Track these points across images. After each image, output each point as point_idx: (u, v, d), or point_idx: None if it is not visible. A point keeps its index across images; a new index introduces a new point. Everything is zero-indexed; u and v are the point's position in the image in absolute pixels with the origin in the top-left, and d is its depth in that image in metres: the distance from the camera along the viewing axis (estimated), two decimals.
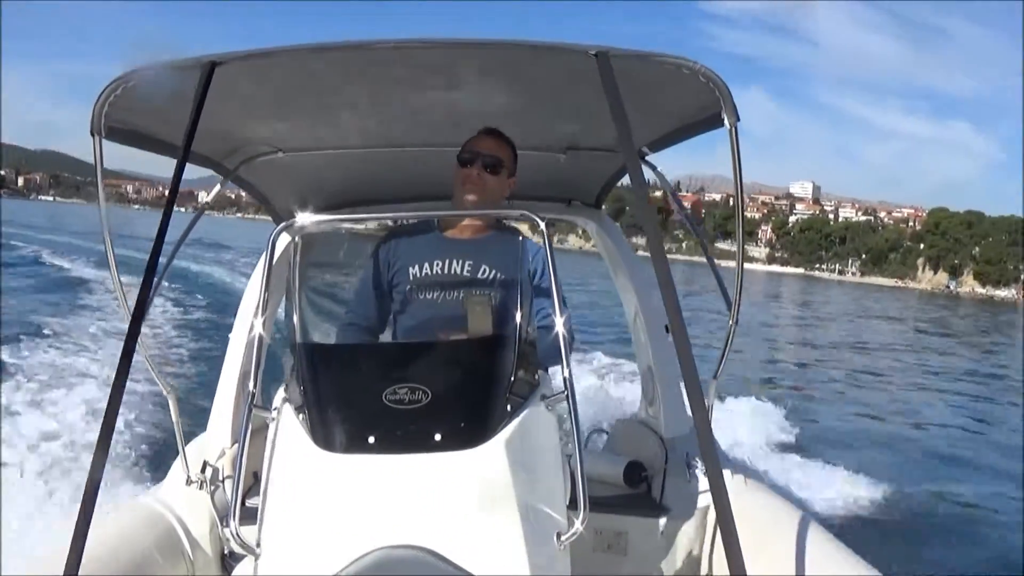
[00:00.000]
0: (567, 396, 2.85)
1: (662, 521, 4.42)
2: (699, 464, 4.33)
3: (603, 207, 5.75)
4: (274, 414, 2.89)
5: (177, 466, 4.33)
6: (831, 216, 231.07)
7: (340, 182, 5.15)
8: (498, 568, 2.55)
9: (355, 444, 2.67)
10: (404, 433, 2.68)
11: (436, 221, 3.88)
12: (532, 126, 4.39)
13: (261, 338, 3.03)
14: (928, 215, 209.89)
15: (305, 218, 3.09)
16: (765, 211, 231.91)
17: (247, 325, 4.82)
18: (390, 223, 4.04)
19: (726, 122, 3.21)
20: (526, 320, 2.98)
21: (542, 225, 2.97)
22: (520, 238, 3.30)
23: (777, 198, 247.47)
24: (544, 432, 2.88)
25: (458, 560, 2.51)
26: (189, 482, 4.19)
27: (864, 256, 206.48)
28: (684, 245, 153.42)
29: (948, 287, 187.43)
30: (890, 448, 15.82)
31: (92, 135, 3.17)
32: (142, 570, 3.77)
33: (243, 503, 2.94)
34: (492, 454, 2.65)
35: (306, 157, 4.69)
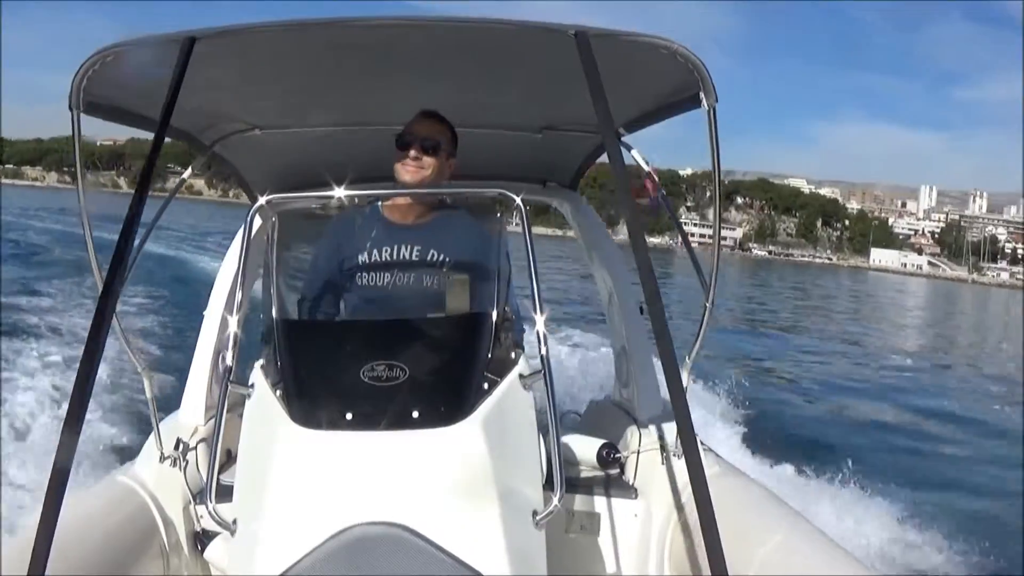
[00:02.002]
0: (544, 375, 2.86)
1: (636, 503, 4.45)
2: (673, 446, 4.35)
3: (578, 188, 5.78)
4: (250, 390, 2.90)
5: (150, 443, 4.34)
6: None
7: (316, 161, 5.06)
8: (474, 546, 2.57)
9: (332, 421, 2.68)
10: (382, 410, 2.70)
11: (380, 205, 3.89)
12: (509, 105, 4.42)
13: (239, 314, 3.04)
14: None
15: (282, 196, 3.13)
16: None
17: (221, 302, 4.83)
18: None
19: (704, 103, 3.22)
20: (503, 299, 3.00)
21: (519, 202, 2.98)
22: (498, 215, 3.28)
23: None
24: (521, 411, 2.90)
25: (434, 538, 2.54)
26: (163, 459, 4.20)
27: None
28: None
29: None
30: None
31: (70, 109, 3.16)
32: (115, 548, 3.77)
33: (218, 480, 2.97)
34: (469, 432, 2.67)
35: (282, 135, 4.70)
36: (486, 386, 2.81)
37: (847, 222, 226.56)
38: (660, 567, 4.31)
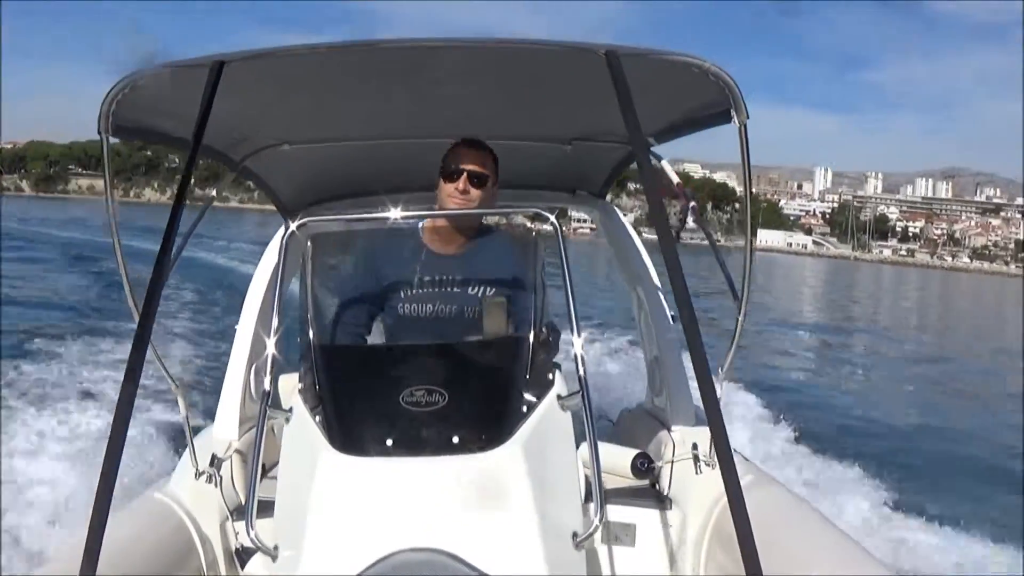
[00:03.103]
0: (582, 395, 2.84)
1: (670, 513, 4.43)
2: (707, 456, 4.35)
3: (607, 197, 5.77)
4: (289, 414, 2.91)
5: (185, 460, 4.36)
6: None
7: (345, 174, 5.18)
8: (517, 570, 2.56)
9: (373, 447, 2.70)
10: (422, 436, 2.71)
11: (421, 231, 3.81)
12: (538, 118, 4.42)
13: (276, 337, 3.04)
14: None
15: (314, 219, 3.14)
16: None
17: (253, 317, 4.86)
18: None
19: (735, 120, 3.22)
20: (540, 319, 2.98)
21: (554, 221, 3.01)
22: (533, 234, 3.26)
23: None
24: (559, 432, 2.88)
25: (476, 562, 2.53)
26: (198, 475, 4.23)
27: None
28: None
29: None
30: None
31: (99, 133, 3.21)
32: (154, 566, 3.79)
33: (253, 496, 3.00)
34: (509, 456, 2.67)
35: (311, 149, 4.73)
36: (524, 409, 2.80)
37: (736, 205, 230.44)
38: None
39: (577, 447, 3.03)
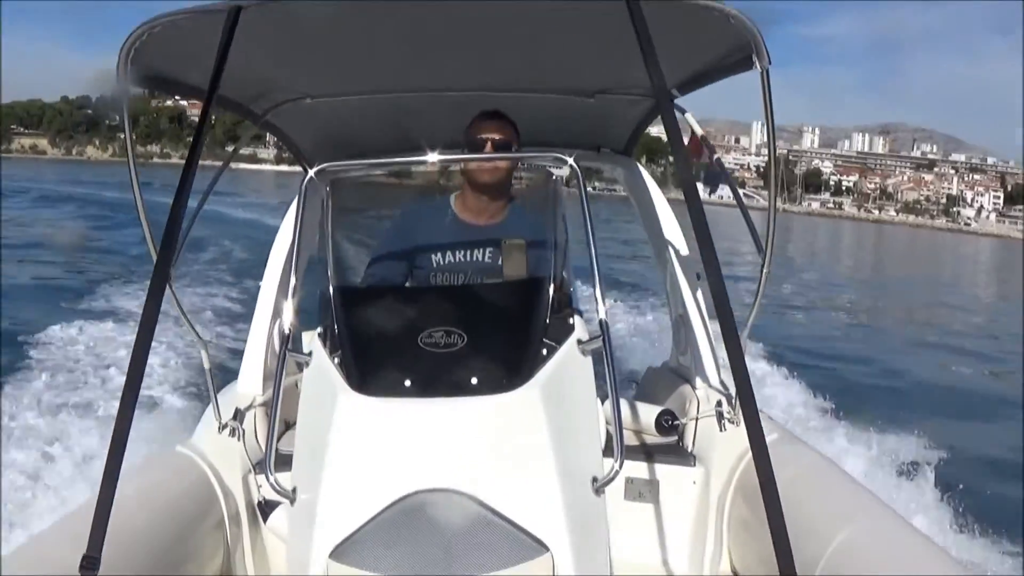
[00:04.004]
0: (603, 340, 2.78)
1: (695, 470, 4.42)
2: (732, 414, 4.37)
3: (632, 154, 5.69)
4: (308, 358, 2.89)
5: (209, 414, 4.37)
6: None
7: (367, 128, 5.16)
8: (535, 512, 2.55)
9: (391, 388, 2.66)
10: (440, 377, 2.68)
11: (451, 203, 3.93)
12: (561, 70, 4.35)
13: (296, 283, 3.03)
14: None
15: (334, 165, 3.12)
16: None
17: (277, 272, 4.85)
18: (411, 180, 4.23)
19: (757, 66, 3.20)
20: (560, 264, 2.96)
21: (572, 164, 2.93)
22: (552, 177, 3.21)
23: None
24: (579, 376, 2.84)
25: (495, 504, 2.52)
26: (221, 429, 4.23)
27: None
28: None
29: None
30: None
31: (117, 81, 3.16)
32: (175, 519, 3.79)
33: (276, 450, 2.94)
34: (529, 398, 2.63)
35: (333, 103, 4.69)
36: (545, 352, 2.77)
37: (670, 158, 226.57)
38: (719, 534, 4.31)
39: (601, 403, 3.03)
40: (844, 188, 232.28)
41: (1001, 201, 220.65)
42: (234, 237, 25.60)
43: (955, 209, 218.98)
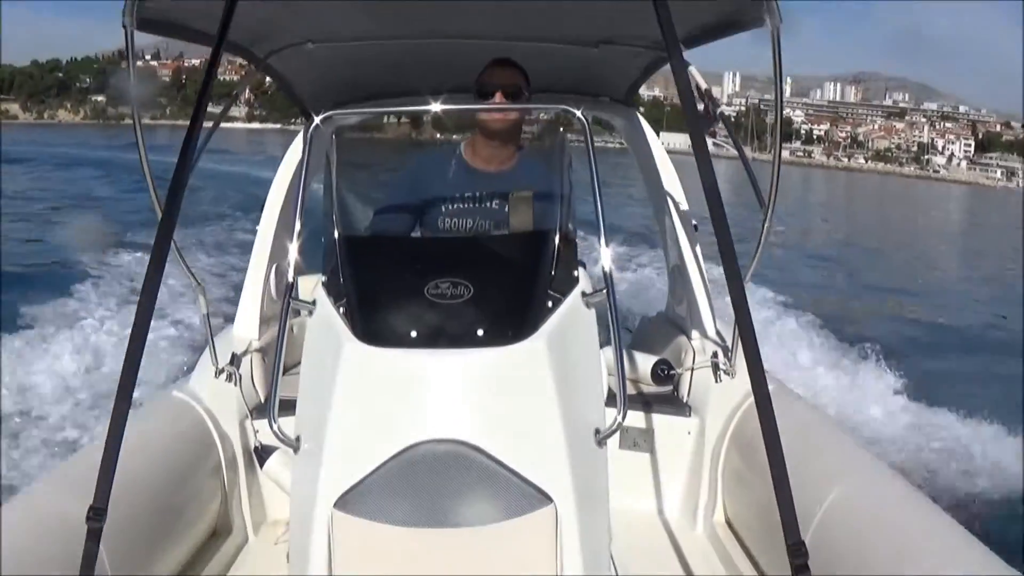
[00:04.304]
0: (607, 292, 2.81)
1: (690, 420, 4.44)
2: (728, 365, 4.38)
3: (632, 103, 5.67)
4: (312, 306, 2.85)
5: (205, 358, 4.34)
6: None
7: (369, 75, 5.10)
8: (539, 463, 2.55)
9: (397, 338, 2.64)
10: (446, 328, 2.66)
11: (462, 151, 3.93)
12: (566, 18, 4.32)
13: (298, 231, 2.98)
14: None
15: (340, 112, 3.02)
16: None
17: (274, 217, 4.84)
18: (412, 135, 3.90)
19: (768, 24, 3.18)
20: (566, 216, 2.94)
21: (581, 116, 2.89)
22: (560, 130, 3.20)
23: None
24: (584, 328, 2.84)
25: (499, 455, 2.51)
26: (218, 374, 4.22)
27: None
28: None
29: None
30: None
31: (124, 26, 3.12)
32: (172, 463, 3.79)
33: (271, 394, 2.86)
34: (534, 350, 2.62)
35: (335, 48, 4.64)
36: (550, 304, 2.75)
37: (642, 108, 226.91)
38: (713, 484, 4.32)
39: (601, 351, 3.01)
40: (815, 137, 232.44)
41: (972, 149, 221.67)
42: (231, 189, 26.67)
43: (925, 157, 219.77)
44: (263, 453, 4.09)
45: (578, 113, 2.88)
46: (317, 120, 3.02)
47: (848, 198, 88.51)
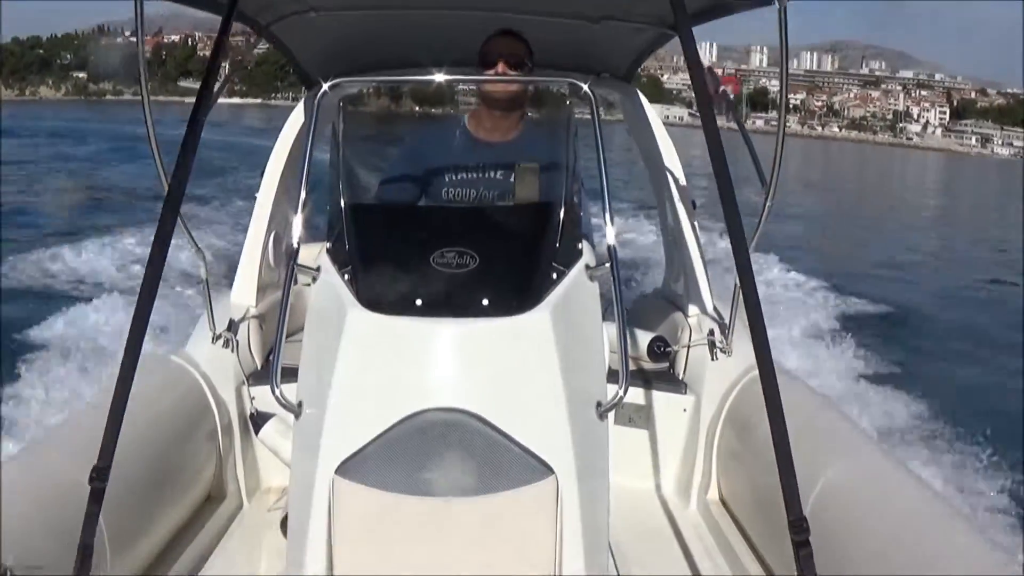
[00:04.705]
0: (611, 267, 2.80)
1: (685, 397, 4.42)
2: (724, 343, 4.37)
3: (632, 80, 5.66)
4: (316, 273, 2.83)
5: (202, 323, 4.33)
6: None
7: (371, 44, 5.03)
8: (541, 434, 2.54)
9: (402, 306, 2.62)
10: (451, 297, 2.65)
11: (465, 122, 3.95)
12: None
13: (304, 197, 2.91)
14: None
15: (347, 80, 3.06)
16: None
17: (274, 184, 4.79)
18: (417, 108, 3.86)
19: (776, 1, 3.15)
20: (571, 188, 2.91)
21: (587, 90, 2.89)
22: (567, 103, 3.16)
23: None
24: (587, 301, 2.83)
25: (502, 425, 2.50)
26: (215, 339, 4.20)
27: None
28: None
29: None
30: None
31: None
32: (167, 428, 3.79)
33: (267, 361, 2.71)
34: (539, 320, 2.61)
35: (339, 17, 4.59)
36: (554, 276, 2.74)
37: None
38: (708, 461, 4.31)
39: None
40: (792, 107, 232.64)
41: (947, 116, 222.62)
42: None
43: (900, 125, 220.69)
44: (259, 420, 4.09)
45: (585, 87, 2.88)
46: (326, 87, 2.94)
47: (821, 166, 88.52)
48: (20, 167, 33.04)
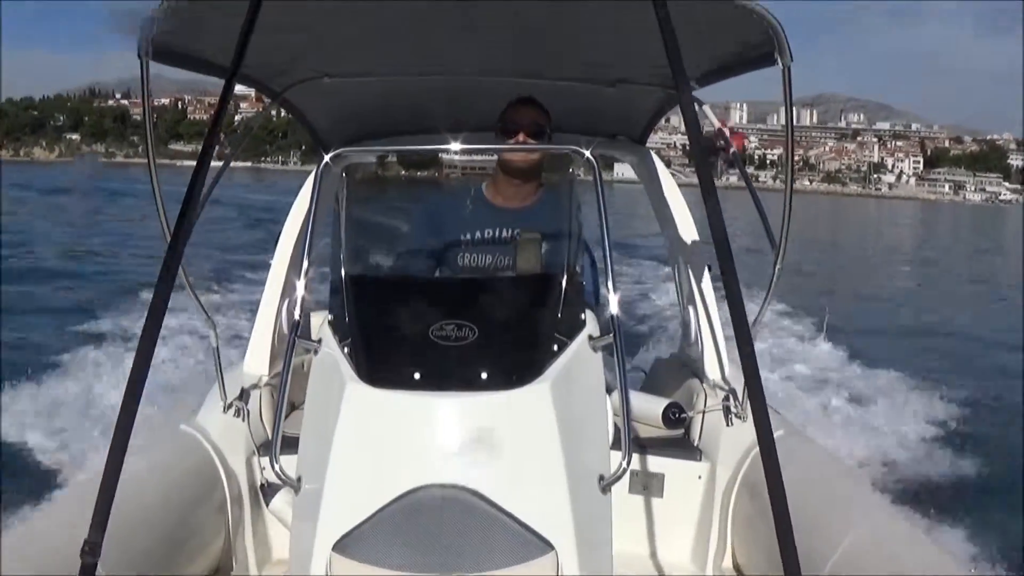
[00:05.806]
0: (614, 337, 2.74)
1: (700, 464, 4.35)
2: (739, 408, 4.30)
3: (646, 143, 5.62)
4: (317, 345, 2.80)
5: (214, 393, 4.29)
6: None
7: (386, 111, 5.03)
8: (541, 511, 2.49)
9: (400, 380, 2.58)
10: (450, 370, 2.61)
11: (482, 189, 3.99)
12: (583, 57, 4.30)
13: (306, 269, 2.92)
14: None
15: (350, 149, 3.00)
16: None
17: (287, 255, 4.77)
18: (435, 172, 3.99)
19: (779, 62, 3.14)
20: (573, 258, 2.88)
21: (592, 159, 2.84)
22: (571, 170, 3.11)
23: None
24: (590, 373, 2.79)
25: (501, 501, 2.45)
26: (226, 410, 4.17)
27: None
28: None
29: None
30: None
31: (139, 57, 3.05)
32: (177, 498, 3.74)
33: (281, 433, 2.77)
34: (539, 395, 2.56)
35: (353, 84, 4.60)
36: (556, 348, 2.69)
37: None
38: (723, 530, 4.25)
39: (608, 395, 2.95)
40: (769, 162, 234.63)
41: (921, 165, 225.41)
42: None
43: (874, 176, 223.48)
44: (269, 490, 3.91)
45: (587, 153, 2.81)
46: (327, 158, 2.94)
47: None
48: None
